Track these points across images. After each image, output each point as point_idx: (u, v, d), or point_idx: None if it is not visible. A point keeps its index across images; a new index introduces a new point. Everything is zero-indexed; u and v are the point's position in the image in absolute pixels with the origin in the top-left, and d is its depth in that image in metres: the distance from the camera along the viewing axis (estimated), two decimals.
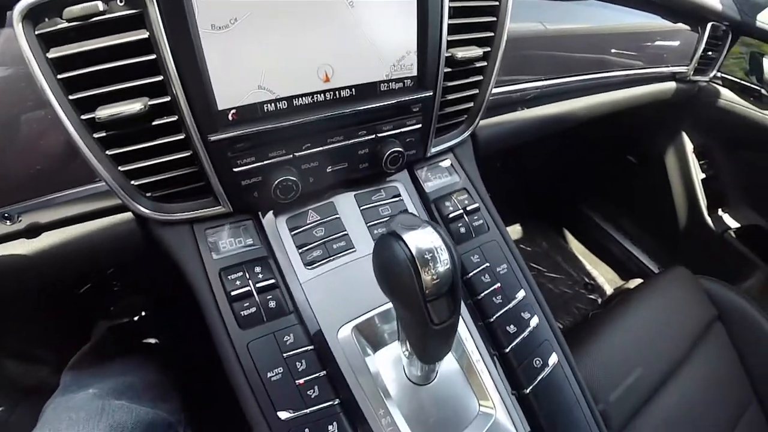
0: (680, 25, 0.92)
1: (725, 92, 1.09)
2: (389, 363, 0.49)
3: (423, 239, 0.34)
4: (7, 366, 0.93)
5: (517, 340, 0.52)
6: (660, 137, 1.21)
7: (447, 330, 0.37)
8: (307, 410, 0.43)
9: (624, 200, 1.41)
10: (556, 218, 1.57)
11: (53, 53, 0.38)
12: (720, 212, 1.22)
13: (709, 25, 0.96)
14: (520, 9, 0.68)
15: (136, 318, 0.99)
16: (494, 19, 0.55)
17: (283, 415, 0.42)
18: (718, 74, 1.08)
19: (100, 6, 0.37)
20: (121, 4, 0.37)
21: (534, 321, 0.54)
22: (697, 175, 1.18)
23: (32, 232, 0.48)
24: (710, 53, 1.01)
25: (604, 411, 0.76)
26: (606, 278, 1.41)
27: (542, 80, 0.69)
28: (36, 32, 0.37)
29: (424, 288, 0.33)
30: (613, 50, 0.79)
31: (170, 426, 0.56)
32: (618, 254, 1.41)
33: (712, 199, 1.20)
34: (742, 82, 1.06)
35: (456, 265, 0.34)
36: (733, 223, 1.21)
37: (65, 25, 0.38)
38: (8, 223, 0.46)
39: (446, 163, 0.62)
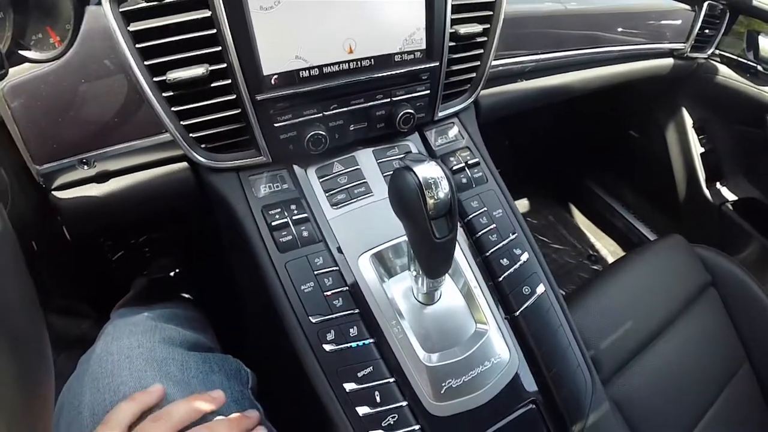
0: (678, 4, 0.98)
1: (723, 69, 1.14)
2: (400, 288, 0.59)
3: (428, 171, 0.43)
4: (53, 320, 1.03)
5: (509, 271, 0.61)
6: (660, 113, 1.27)
7: (446, 245, 0.46)
8: (333, 315, 0.53)
9: (626, 174, 1.47)
10: (561, 193, 1.64)
11: (133, 27, 0.48)
12: (718, 185, 1.28)
13: (705, 4, 1.02)
14: None
15: (171, 274, 1.10)
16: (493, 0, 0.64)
17: (314, 319, 0.53)
18: (717, 51, 1.13)
19: None
20: None
21: (524, 257, 0.63)
22: (696, 149, 1.24)
23: (102, 177, 0.59)
24: (707, 31, 1.07)
25: (595, 356, 0.81)
26: (609, 250, 1.48)
27: (538, 54, 0.77)
28: (120, 10, 0.47)
29: (428, 208, 0.43)
30: (608, 28, 0.86)
31: (210, 349, 0.64)
32: (621, 227, 1.48)
33: (711, 172, 1.25)
34: (739, 59, 1.11)
35: (453, 192, 0.44)
36: (730, 196, 1.26)
37: (143, 4, 0.48)
38: (85, 167, 0.56)
39: (452, 126, 0.71)
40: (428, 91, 0.64)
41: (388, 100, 0.62)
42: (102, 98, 0.54)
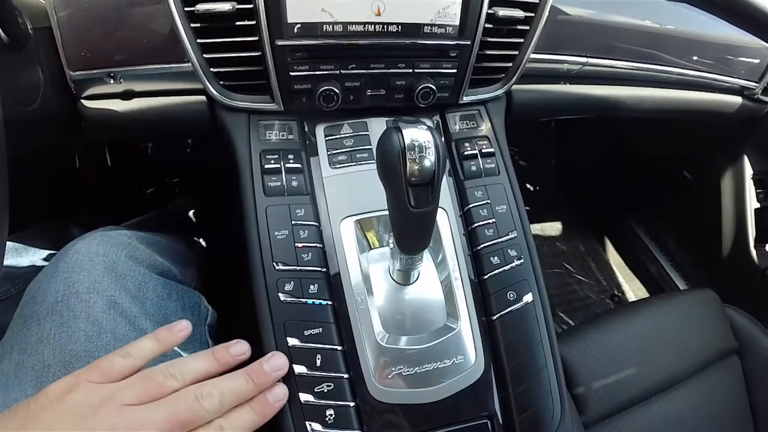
0: (760, 42, 0.88)
1: None
2: (380, 264, 0.57)
3: (416, 134, 0.41)
4: (75, 233, 1.10)
5: (498, 271, 0.57)
6: (719, 157, 1.15)
7: (422, 216, 0.44)
8: (297, 267, 0.52)
9: (670, 216, 1.35)
10: (597, 223, 1.54)
11: None
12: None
13: None
14: None
15: (186, 213, 1.14)
16: None
17: (278, 266, 0.52)
18: None
19: None
20: None
21: (518, 260, 0.59)
22: (751, 203, 1.11)
23: (127, 95, 0.62)
24: None
25: (583, 394, 0.75)
26: (635, 294, 1.37)
27: (587, 57, 0.72)
28: None
29: (408, 174, 0.41)
30: (671, 50, 0.79)
31: (180, 282, 0.65)
32: (653, 272, 1.36)
33: (762, 232, 1.12)
34: None
35: (440, 162, 0.41)
36: None
37: None
38: (112, 81, 0.60)
39: (476, 113, 0.68)
40: (455, 71, 0.61)
41: (410, 70, 0.60)
42: (136, 20, 0.57)
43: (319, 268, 0.53)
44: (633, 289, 1.39)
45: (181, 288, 0.62)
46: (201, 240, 1.03)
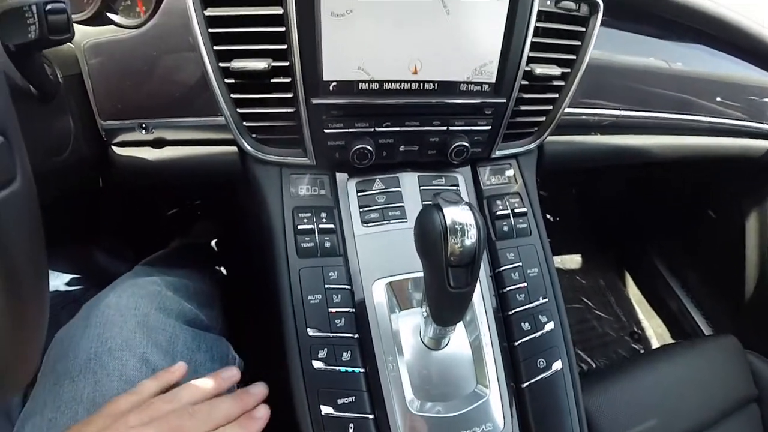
0: None
1: None
2: (409, 324, 0.56)
3: (458, 214, 0.40)
4: (98, 257, 1.11)
5: (528, 338, 0.57)
6: (745, 198, 1.13)
7: (460, 297, 0.43)
8: (330, 334, 0.52)
9: (694, 254, 1.33)
10: (620, 258, 1.52)
11: (209, 12, 0.49)
12: None
13: None
14: (619, 41, 0.71)
15: (208, 241, 1.14)
16: (578, 43, 0.59)
17: (311, 331, 0.52)
18: None
19: None
20: None
21: (549, 326, 0.58)
22: None
23: (158, 143, 0.62)
24: None
25: None
26: (656, 332, 1.34)
27: (620, 110, 0.71)
28: None
29: (449, 254, 0.40)
30: (702, 94, 0.77)
31: (207, 328, 0.65)
32: (674, 310, 1.34)
33: None
34: None
35: (481, 244, 0.40)
36: None
37: None
38: (143, 132, 0.60)
39: (508, 167, 0.67)
40: (489, 127, 0.60)
41: (445, 128, 0.59)
42: (168, 72, 0.57)
43: (351, 335, 0.53)
44: (653, 326, 1.37)
45: (210, 337, 0.62)
46: (222, 269, 1.03)
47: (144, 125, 0.60)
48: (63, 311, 0.75)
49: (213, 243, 1.13)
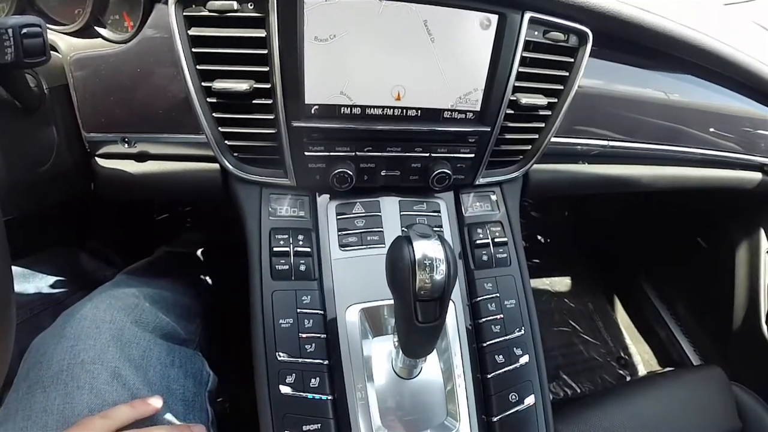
0: None
1: None
2: (382, 351, 0.56)
3: (428, 248, 0.39)
4: (84, 260, 1.10)
5: (502, 371, 0.56)
6: (735, 228, 1.12)
7: (429, 331, 0.42)
8: (300, 359, 0.51)
9: (683, 282, 1.32)
10: (609, 282, 1.51)
11: (193, 31, 0.49)
12: None
13: None
14: (606, 70, 0.70)
15: (194, 251, 1.13)
16: (566, 74, 0.58)
17: (280, 356, 0.51)
18: None
19: (235, 5, 0.48)
20: (251, 7, 0.48)
21: (524, 359, 0.57)
22: (765, 278, 1.08)
23: (141, 157, 0.62)
24: None
25: None
26: (643, 358, 1.33)
27: (608, 140, 0.70)
28: (184, 13, 0.48)
29: (417, 289, 0.40)
30: (693, 124, 0.77)
31: (184, 341, 0.65)
32: (662, 337, 1.32)
33: None
34: None
35: (450, 279, 0.40)
36: None
37: (206, 13, 0.48)
38: (126, 146, 0.60)
39: (491, 195, 0.67)
40: (473, 155, 0.60)
41: (427, 154, 0.59)
42: (152, 89, 0.57)
43: (321, 361, 0.52)
44: (640, 352, 1.35)
45: (184, 352, 0.61)
46: (207, 278, 1.02)
47: (126, 139, 0.60)
48: (45, 313, 0.75)
49: (199, 252, 1.12)
